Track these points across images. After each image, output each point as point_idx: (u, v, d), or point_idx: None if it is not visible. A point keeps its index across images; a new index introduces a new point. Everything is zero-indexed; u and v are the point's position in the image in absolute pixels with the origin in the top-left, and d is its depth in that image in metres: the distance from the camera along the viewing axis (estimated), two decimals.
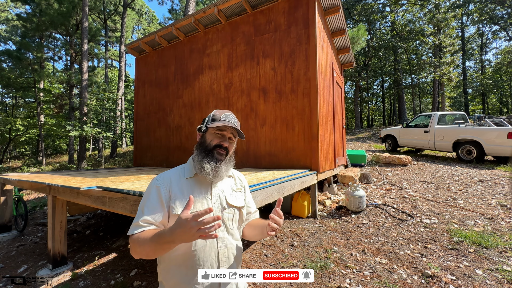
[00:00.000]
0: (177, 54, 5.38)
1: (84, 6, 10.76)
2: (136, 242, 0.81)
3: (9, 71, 12.82)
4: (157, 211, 0.87)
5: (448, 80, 14.90)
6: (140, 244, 0.79)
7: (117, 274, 2.64)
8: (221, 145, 0.96)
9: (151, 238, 0.77)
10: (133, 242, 0.82)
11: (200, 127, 0.98)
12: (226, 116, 0.97)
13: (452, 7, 17.18)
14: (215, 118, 0.97)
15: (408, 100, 26.44)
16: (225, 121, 0.94)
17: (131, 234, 0.84)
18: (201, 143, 0.98)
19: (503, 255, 2.24)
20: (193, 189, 0.93)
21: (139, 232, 0.83)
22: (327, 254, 2.49)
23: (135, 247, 0.81)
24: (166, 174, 0.96)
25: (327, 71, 4.21)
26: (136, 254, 0.82)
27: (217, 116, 0.97)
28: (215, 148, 0.95)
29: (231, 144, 0.99)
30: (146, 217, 0.85)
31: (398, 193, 4.24)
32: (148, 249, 0.77)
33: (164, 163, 5.51)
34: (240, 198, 1.04)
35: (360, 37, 9.89)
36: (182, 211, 0.73)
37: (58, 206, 2.86)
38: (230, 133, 0.98)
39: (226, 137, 0.97)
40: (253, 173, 3.01)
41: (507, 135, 5.41)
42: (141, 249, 0.79)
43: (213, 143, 0.95)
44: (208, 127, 0.95)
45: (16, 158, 20.92)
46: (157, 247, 0.75)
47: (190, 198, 0.73)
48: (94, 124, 12.06)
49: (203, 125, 0.98)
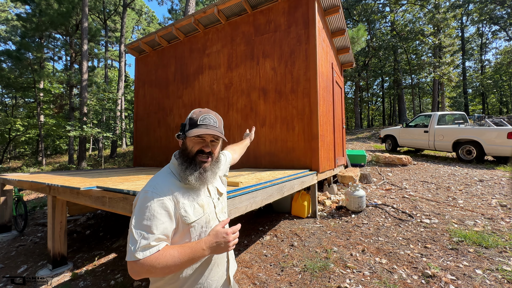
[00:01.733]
0: (177, 54, 5.38)
1: (84, 6, 10.76)
2: (153, 265, 0.72)
3: (9, 71, 12.81)
4: (168, 227, 0.80)
5: (448, 80, 14.90)
6: (162, 266, 0.73)
7: (117, 274, 2.64)
8: (203, 151, 0.90)
9: (180, 256, 0.74)
10: (147, 265, 0.72)
11: (178, 134, 0.92)
12: (204, 119, 0.89)
13: (452, 7, 17.18)
14: (192, 123, 0.89)
15: (408, 100, 26.44)
16: (203, 126, 0.88)
17: (141, 258, 0.72)
18: (183, 150, 0.92)
19: (503, 255, 2.24)
20: (196, 192, 0.91)
21: (154, 253, 0.74)
22: (327, 254, 2.49)
23: (150, 270, 0.72)
24: (161, 184, 0.86)
25: (327, 71, 4.21)
26: (150, 275, 0.74)
27: (194, 119, 0.89)
28: (197, 155, 0.90)
29: (215, 146, 0.94)
30: (158, 234, 0.76)
31: (398, 193, 4.24)
32: (172, 269, 0.74)
33: (164, 163, 5.49)
34: (223, 182, 1.11)
35: (360, 37, 9.89)
36: (217, 228, 0.85)
37: (58, 206, 2.86)
38: (212, 136, 0.91)
39: (207, 141, 0.90)
40: (253, 173, 3.01)
41: (507, 135, 5.41)
42: (162, 270, 0.73)
43: (194, 150, 0.89)
44: (186, 134, 0.89)
45: (16, 158, 20.92)
46: (186, 264, 0.76)
47: (228, 219, 0.94)
48: (94, 124, 12.06)
49: (181, 133, 0.91)
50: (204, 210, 0.90)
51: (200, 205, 0.90)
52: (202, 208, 0.90)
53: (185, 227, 0.84)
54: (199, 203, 0.90)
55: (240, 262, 2.53)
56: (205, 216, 0.90)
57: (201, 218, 0.88)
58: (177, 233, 0.84)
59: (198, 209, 0.88)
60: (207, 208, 0.91)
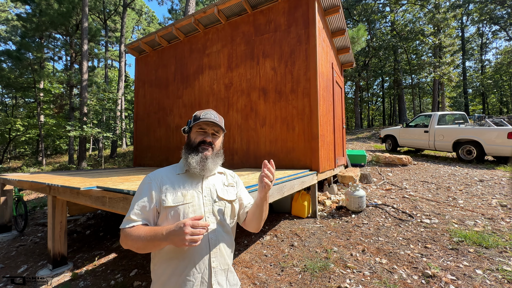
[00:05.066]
0: (177, 54, 5.38)
1: (84, 6, 10.76)
2: (128, 236, 0.87)
3: (9, 71, 12.81)
4: (147, 206, 0.93)
5: (448, 80, 14.89)
6: (132, 239, 0.86)
7: (117, 274, 2.64)
8: (205, 140, 1.02)
9: (145, 235, 0.84)
10: (125, 235, 0.89)
11: (184, 128, 1.06)
12: (206, 114, 1.03)
13: (452, 7, 17.16)
14: (196, 118, 1.03)
15: (408, 100, 26.43)
16: (204, 119, 1.00)
17: (122, 228, 0.91)
18: (187, 143, 1.05)
19: (503, 255, 2.24)
20: (184, 183, 0.99)
21: (130, 226, 0.90)
22: (327, 254, 2.49)
23: (126, 240, 0.88)
24: (158, 171, 1.03)
25: (327, 71, 4.21)
26: (127, 246, 0.89)
27: (197, 115, 1.03)
28: (200, 145, 1.01)
29: (216, 138, 1.05)
30: (137, 211, 0.92)
31: (398, 193, 4.24)
32: (139, 244, 0.85)
33: (164, 163, 5.50)
34: (232, 193, 1.09)
35: (360, 37, 9.89)
36: (184, 219, 0.82)
37: (58, 206, 2.86)
38: (212, 129, 1.04)
39: (208, 133, 1.03)
40: (253, 173, 3.01)
41: (507, 135, 5.41)
42: (133, 243, 0.86)
43: (197, 140, 1.02)
44: (190, 127, 1.04)
45: (16, 158, 20.92)
46: (149, 244, 0.84)
47: (201, 216, 0.84)
48: (94, 124, 12.05)
49: (186, 127, 1.06)
50: (185, 199, 0.95)
51: (183, 194, 0.96)
52: (184, 197, 0.95)
53: (164, 210, 0.93)
54: (183, 192, 0.96)
55: (240, 262, 2.53)
56: (184, 206, 0.93)
57: (178, 206, 0.93)
58: (160, 216, 0.95)
59: (179, 197, 0.95)
60: (189, 199, 0.95)
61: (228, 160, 4.30)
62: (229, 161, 4.30)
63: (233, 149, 4.31)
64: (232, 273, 1.03)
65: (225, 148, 3.50)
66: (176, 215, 0.92)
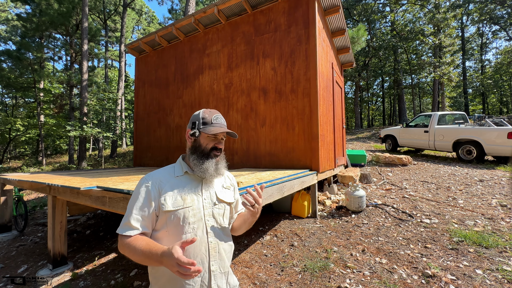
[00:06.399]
0: (177, 54, 5.38)
1: (84, 6, 10.76)
2: (125, 246, 0.85)
3: (9, 71, 12.81)
4: (146, 211, 0.89)
5: (448, 80, 14.89)
6: (130, 250, 0.83)
7: (117, 274, 2.64)
8: (216, 147, 1.00)
9: (142, 250, 0.80)
10: (123, 244, 0.85)
11: (194, 132, 0.99)
12: (216, 118, 1.00)
13: (452, 7, 17.15)
14: (206, 122, 0.98)
15: (408, 100, 26.43)
16: (217, 125, 0.98)
17: (121, 234, 0.87)
18: (196, 147, 1.00)
19: (503, 255, 2.24)
20: (184, 186, 0.96)
21: (128, 234, 0.86)
22: (327, 254, 2.49)
23: (124, 249, 0.85)
24: (156, 173, 0.98)
25: (327, 71, 4.21)
26: (124, 253, 0.86)
27: (207, 118, 0.99)
28: (212, 151, 0.99)
29: (223, 143, 1.05)
30: (136, 216, 0.88)
31: (398, 193, 4.24)
32: (136, 258, 0.82)
33: (164, 163, 5.50)
34: (230, 195, 1.08)
35: (360, 37, 9.88)
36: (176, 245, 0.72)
37: (58, 206, 2.86)
38: (222, 135, 1.02)
39: (219, 139, 1.01)
40: (253, 173, 3.01)
41: (507, 135, 5.41)
42: (130, 255, 0.84)
43: (209, 147, 0.99)
44: (201, 132, 0.98)
45: (16, 158, 20.93)
46: (145, 260, 0.80)
47: (193, 239, 0.73)
48: (94, 124, 12.05)
49: (196, 130, 0.99)
50: (185, 203, 0.92)
51: (182, 198, 0.93)
52: (184, 201, 0.92)
53: (163, 215, 0.90)
54: (183, 196, 0.93)
55: (240, 262, 2.53)
56: (184, 210, 0.91)
57: (178, 210, 0.90)
58: (158, 220, 0.92)
59: (179, 201, 0.92)
60: (189, 203, 0.93)
61: (228, 160, 4.26)
62: (229, 161, 4.25)
63: (233, 149, 4.32)
64: (232, 275, 1.04)
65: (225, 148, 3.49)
66: (176, 219, 0.90)
